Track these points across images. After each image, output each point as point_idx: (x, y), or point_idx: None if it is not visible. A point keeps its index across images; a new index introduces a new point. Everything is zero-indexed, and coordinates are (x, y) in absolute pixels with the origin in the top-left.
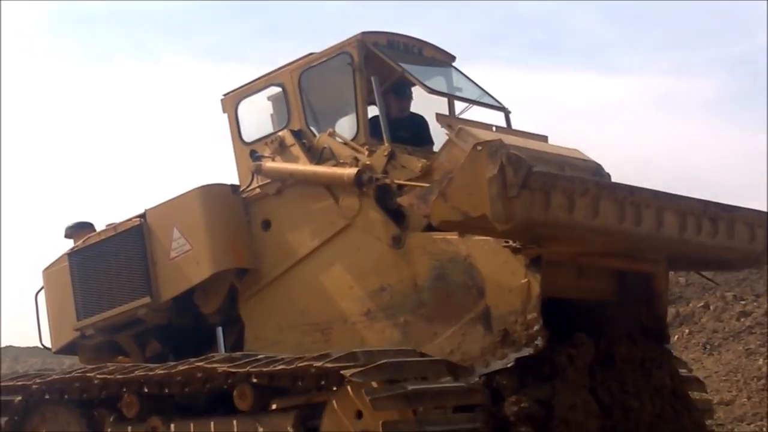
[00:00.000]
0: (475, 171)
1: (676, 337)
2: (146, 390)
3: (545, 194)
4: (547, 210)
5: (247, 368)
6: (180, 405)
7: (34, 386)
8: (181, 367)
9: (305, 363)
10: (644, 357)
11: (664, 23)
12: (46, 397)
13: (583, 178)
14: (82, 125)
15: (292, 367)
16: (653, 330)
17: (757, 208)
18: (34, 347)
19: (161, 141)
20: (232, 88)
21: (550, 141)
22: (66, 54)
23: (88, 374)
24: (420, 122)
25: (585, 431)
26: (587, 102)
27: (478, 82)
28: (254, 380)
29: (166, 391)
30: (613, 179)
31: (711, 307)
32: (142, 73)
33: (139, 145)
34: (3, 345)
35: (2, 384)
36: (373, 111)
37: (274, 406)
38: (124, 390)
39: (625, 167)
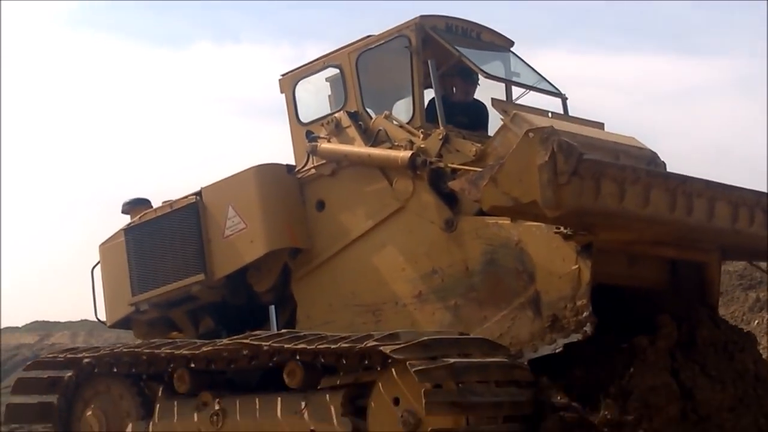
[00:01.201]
0: (527, 157)
1: (756, 322)
2: (172, 366)
3: (596, 182)
4: (597, 198)
5: (293, 344)
6: (233, 382)
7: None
8: (205, 348)
9: (349, 343)
10: (727, 340)
11: (751, 6)
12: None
13: (635, 166)
14: (159, 107)
15: (335, 346)
16: None
17: None
18: None
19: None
20: (290, 69)
21: (630, 128)
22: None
23: (115, 350)
24: (481, 109)
25: (665, 414)
26: (669, 85)
27: (536, 68)
28: (298, 357)
29: (192, 365)
30: (693, 165)
31: None
32: (221, 54)
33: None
34: (79, 319)
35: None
36: (430, 94)
37: (322, 385)
38: (152, 365)
39: (706, 153)
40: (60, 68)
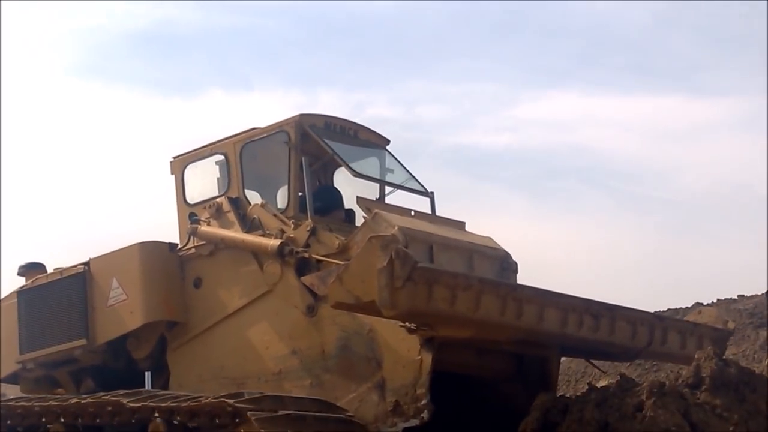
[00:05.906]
0: (369, 261)
1: (767, 361)
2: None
3: (428, 287)
4: (429, 301)
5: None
6: None
7: None
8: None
9: (195, 402)
10: (738, 381)
11: (757, 43)
12: None
13: (467, 274)
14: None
15: (185, 404)
16: None
17: (640, 308)
18: None
19: None
20: (181, 153)
21: (644, 166)
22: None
23: None
24: (330, 190)
25: None
26: (680, 124)
27: (407, 167)
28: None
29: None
30: (713, 202)
31: None
32: (234, 103)
33: None
34: None
35: None
36: None
37: None
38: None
39: (720, 191)
40: (66, 117)
